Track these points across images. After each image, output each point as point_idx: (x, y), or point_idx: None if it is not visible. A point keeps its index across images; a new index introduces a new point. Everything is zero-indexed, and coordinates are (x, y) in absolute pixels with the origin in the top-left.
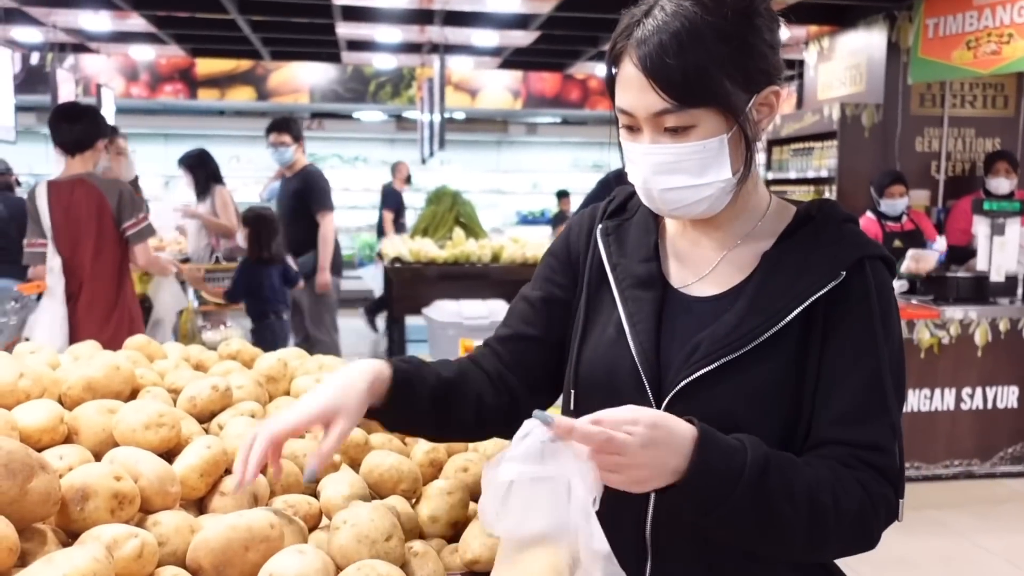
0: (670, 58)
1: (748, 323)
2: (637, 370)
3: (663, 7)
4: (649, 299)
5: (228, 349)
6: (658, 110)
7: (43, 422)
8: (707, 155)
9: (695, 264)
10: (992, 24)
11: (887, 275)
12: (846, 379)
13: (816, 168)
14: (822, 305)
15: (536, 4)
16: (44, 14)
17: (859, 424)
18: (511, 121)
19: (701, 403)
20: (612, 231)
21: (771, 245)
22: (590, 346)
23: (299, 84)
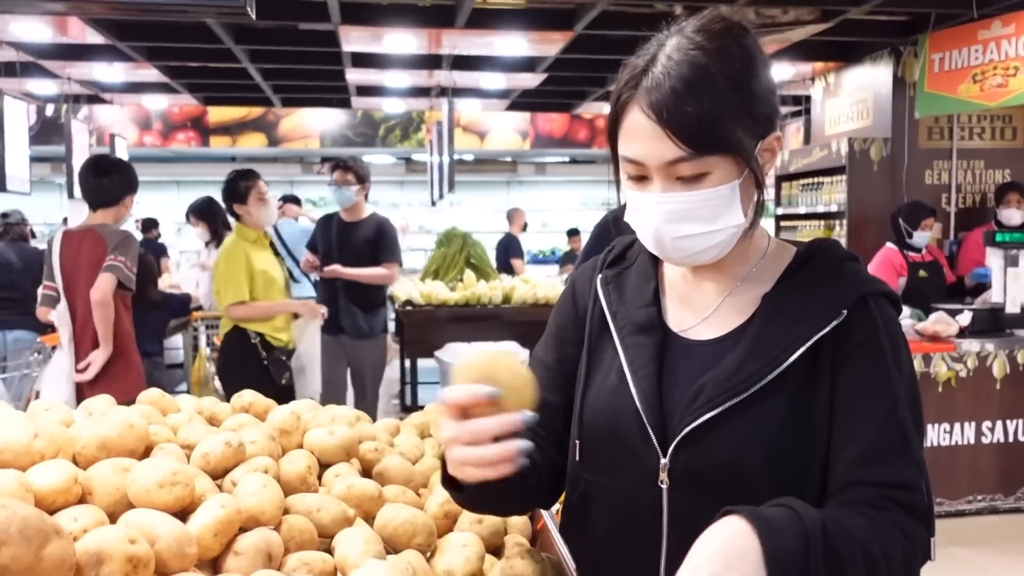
0: (686, 105)
1: (751, 366)
2: (640, 417)
3: (669, 55)
4: (649, 344)
5: (241, 401)
6: (672, 159)
7: (58, 483)
8: (720, 202)
9: (695, 307)
10: (997, 57)
11: (892, 311)
12: (864, 418)
13: (826, 203)
14: (828, 344)
15: (543, 47)
16: (59, 67)
17: (883, 463)
18: (520, 161)
19: (707, 448)
20: (612, 280)
21: (771, 286)
22: (592, 395)
23: (309, 130)
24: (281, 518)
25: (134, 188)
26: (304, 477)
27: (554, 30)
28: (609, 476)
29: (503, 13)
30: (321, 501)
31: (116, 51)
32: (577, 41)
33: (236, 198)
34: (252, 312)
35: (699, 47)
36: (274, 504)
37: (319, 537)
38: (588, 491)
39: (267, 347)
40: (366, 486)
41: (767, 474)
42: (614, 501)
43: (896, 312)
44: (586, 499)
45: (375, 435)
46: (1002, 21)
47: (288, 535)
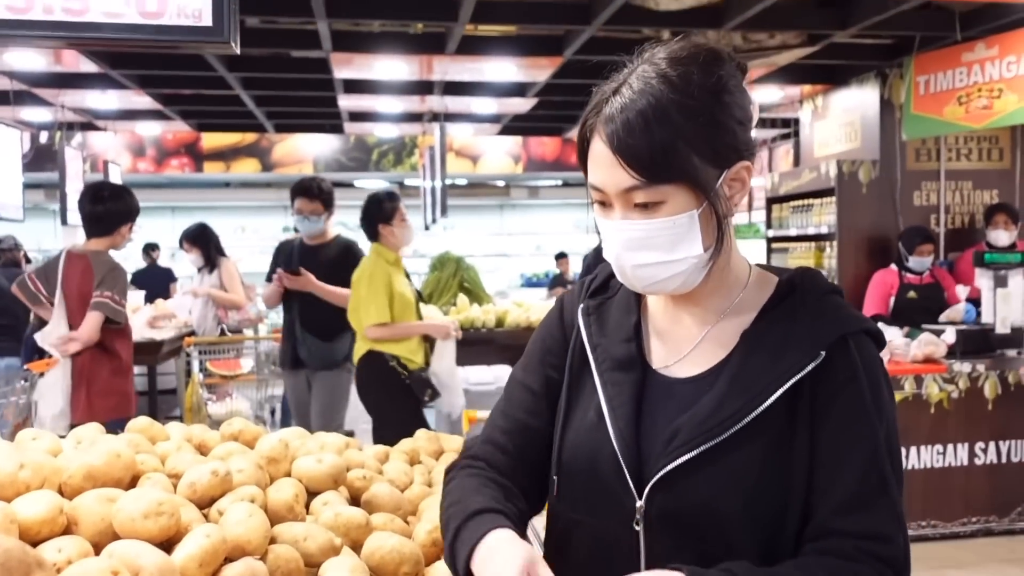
0: (636, 136)
1: (728, 407)
2: (617, 458)
3: (631, 84)
4: (629, 382)
5: (230, 429)
6: (627, 187)
7: (42, 514)
8: (678, 231)
9: (676, 343)
10: (982, 80)
11: (873, 349)
12: (843, 465)
13: (816, 225)
14: (807, 385)
15: (533, 72)
16: (53, 95)
17: (860, 512)
18: (512, 185)
19: (683, 491)
20: (593, 311)
21: (752, 319)
22: (571, 431)
23: (303, 155)
24: (267, 547)
25: (132, 217)
26: (291, 506)
27: (543, 56)
28: (587, 515)
29: (493, 40)
30: (308, 530)
31: (110, 79)
32: (567, 66)
33: (382, 218)
34: (391, 333)
35: (660, 75)
36: (260, 533)
37: (306, 566)
38: (568, 528)
39: (403, 368)
40: (353, 514)
41: (743, 518)
42: (593, 539)
43: (879, 347)
44: (566, 535)
45: (364, 462)
46: (985, 43)
47: (274, 564)
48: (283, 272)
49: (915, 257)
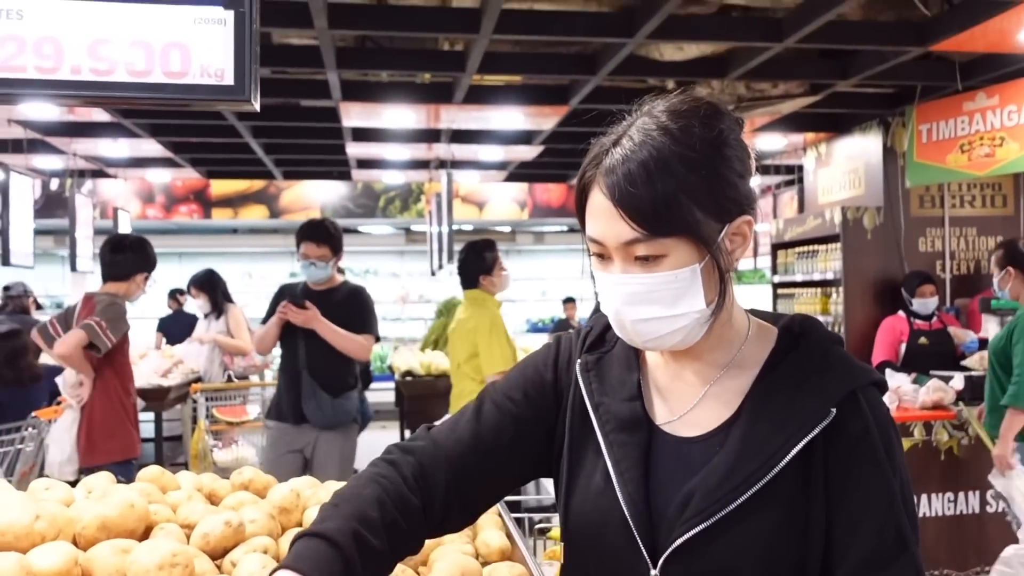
0: (638, 187)
1: (740, 471)
2: (628, 524)
3: (631, 136)
4: (635, 443)
5: (241, 478)
6: (628, 239)
7: (58, 566)
8: (680, 285)
9: (678, 399)
10: (983, 128)
11: (881, 400)
12: (861, 523)
13: (822, 271)
14: (820, 442)
15: (539, 120)
16: (65, 143)
17: (881, 570)
18: (518, 231)
19: (700, 559)
20: (592, 367)
21: (756, 375)
22: (578, 497)
23: (310, 201)
24: None
25: (147, 267)
26: None
27: (549, 104)
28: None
29: (500, 89)
30: None
31: (121, 127)
32: (572, 115)
33: (483, 269)
34: None
35: (661, 127)
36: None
37: None
38: None
39: None
40: None
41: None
42: None
43: (882, 394)
44: None
45: None
46: (986, 93)
47: None
48: (288, 304)
49: (918, 299)
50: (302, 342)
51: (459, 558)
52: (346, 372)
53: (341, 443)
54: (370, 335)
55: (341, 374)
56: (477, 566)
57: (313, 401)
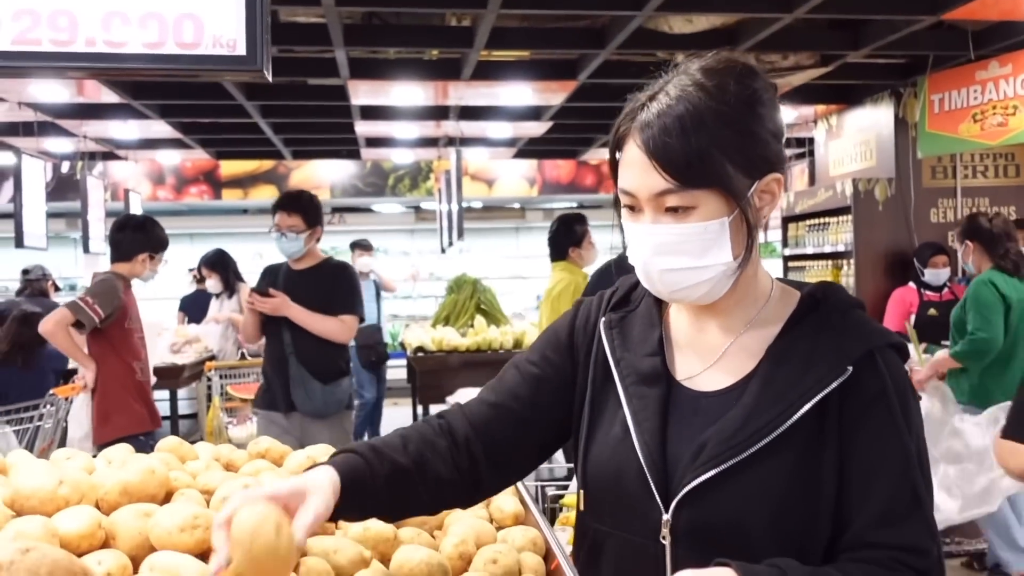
0: (673, 139)
1: (755, 422)
2: (643, 472)
3: (667, 92)
4: (654, 396)
5: (257, 448)
6: (660, 190)
7: (82, 528)
8: (708, 237)
9: (701, 354)
10: (996, 97)
11: (900, 363)
12: (876, 479)
13: (833, 243)
14: (835, 399)
15: (547, 96)
16: (75, 125)
17: (895, 525)
18: (528, 208)
19: (710, 506)
20: (616, 324)
21: (777, 332)
22: (596, 446)
23: (320, 181)
24: (299, 560)
25: (150, 247)
26: None
27: (558, 80)
28: (614, 528)
29: (508, 65)
30: (338, 543)
31: (131, 109)
32: (581, 90)
33: (572, 242)
34: None
35: (696, 84)
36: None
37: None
38: (596, 540)
39: None
40: (382, 528)
41: (770, 532)
42: (620, 552)
43: (903, 360)
44: (595, 548)
45: None
46: (999, 62)
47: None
48: (253, 294)
49: (930, 270)
50: (287, 328)
51: (474, 522)
52: (336, 357)
53: (333, 431)
54: (353, 315)
55: (331, 360)
56: (492, 529)
57: (302, 389)
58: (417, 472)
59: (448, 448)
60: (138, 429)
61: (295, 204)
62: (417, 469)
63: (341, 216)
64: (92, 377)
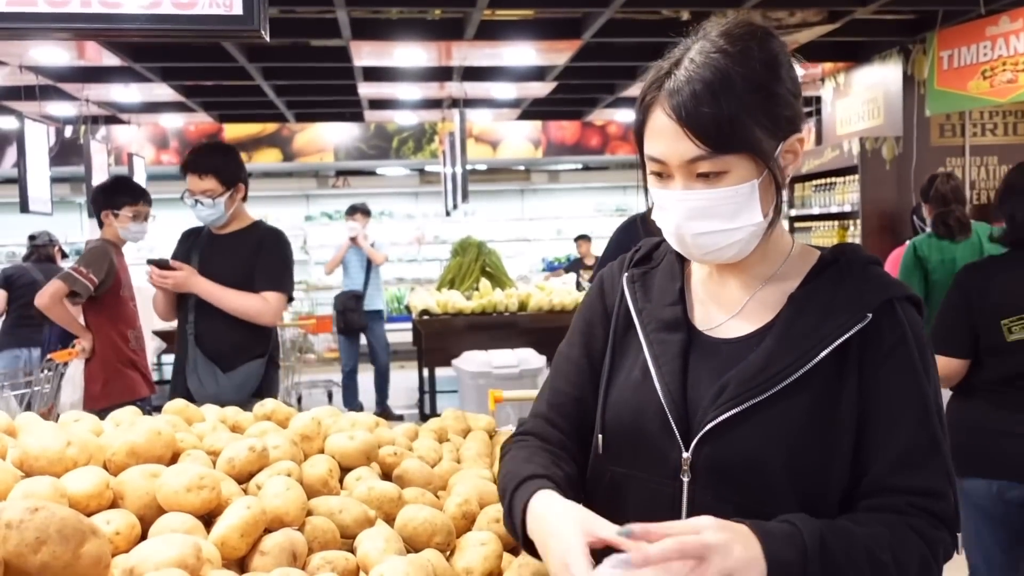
0: (704, 106)
1: (776, 364)
2: (664, 412)
3: (692, 59)
4: (675, 341)
5: (263, 410)
6: (692, 157)
7: (91, 488)
8: (739, 200)
9: (722, 305)
10: (1007, 53)
11: (917, 315)
12: (896, 424)
13: (839, 203)
14: (855, 346)
15: (552, 56)
16: (77, 89)
17: (914, 470)
18: (533, 170)
19: (729, 444)
20: (638, 279)
21: (797, 286)
22: (616, 389)
23: (324, 144)
24: (304, 519)
25: (109, 204)
26: (326, 480)
27: (562, 39)
28: (632, 468)
29: (511, 24)
30: (343, 503)
31: (132, 72)
32: (585, 49)
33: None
34: None
35: (720, 50)
36: (297, 506)
37: (341, 538)
38: (612, 482)
39: None
40: (386, 488)
41: (787, 472)
42: (638, 493)
43: (920, 314)
44: (610, 490)
45: (394, 440)
46: (1010, 16)
47: (312, 535)
48: (153, 269)
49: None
50: (192, 303)
51: (477, 482)
52: (247, 340)
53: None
54: (278, 292)
55: (237, 343)
56: (495, 489)
57: (196, 375)
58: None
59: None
60: (131, 396)
61: (205, 163)
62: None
63: (345, 179)
64: (89, 346)
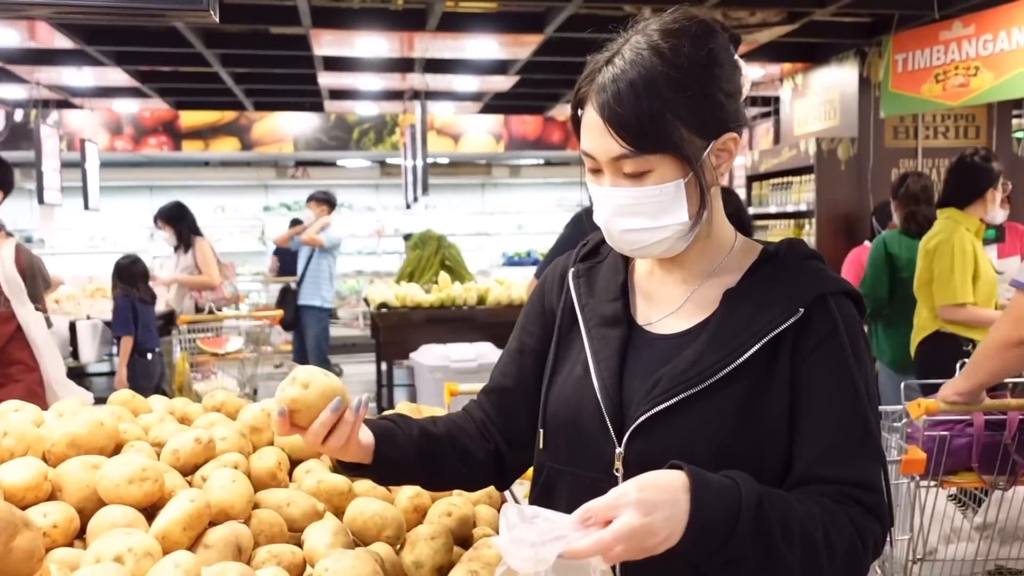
0: (625, 106)
1: (707, 359)
2: (600, 407)
3: (623, 55)
4: (615, 337)
5: (212, 401)
6: (616, 155)
7: (27, 480)
8: (664, 199)
9: (662, 302)
10: (959, 58)
11: (852, 309)
12: (826, 415)
13: (795, 202)
14: (788, 340)
15: (514, 50)
16: (28, 71)
17: (844, 462)
18: (494, 164)
19: (660, 438)
20: (583, 274)
21: (736, 280)
22: (558, 385)
23: (283, 133)
24: (251, 512)
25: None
26: (274, 472)
27: (525, 33)
28: (570, 464)
29: (474, 16)
30: (291, 496)
31: (85, 55)
32: (548, 44)
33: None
34: (971, 318)
35: (652, 47)
36: (243, 498)
37: (289, 531)
38: (551, 478)
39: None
40: (336, 481)
41: (717, 465)
42: (574, 488)
43: (859, 311)
44: (549, 486)
45: None
46: (962, 22)
47: (258, 528)
48: None
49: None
50: None
51: None
52: None
53: None
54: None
55: None
56: None
57: None
58: (448, 442)
59: (474, 429)
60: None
61: None
62: (448, 439)
63: (305, 170)
64: None
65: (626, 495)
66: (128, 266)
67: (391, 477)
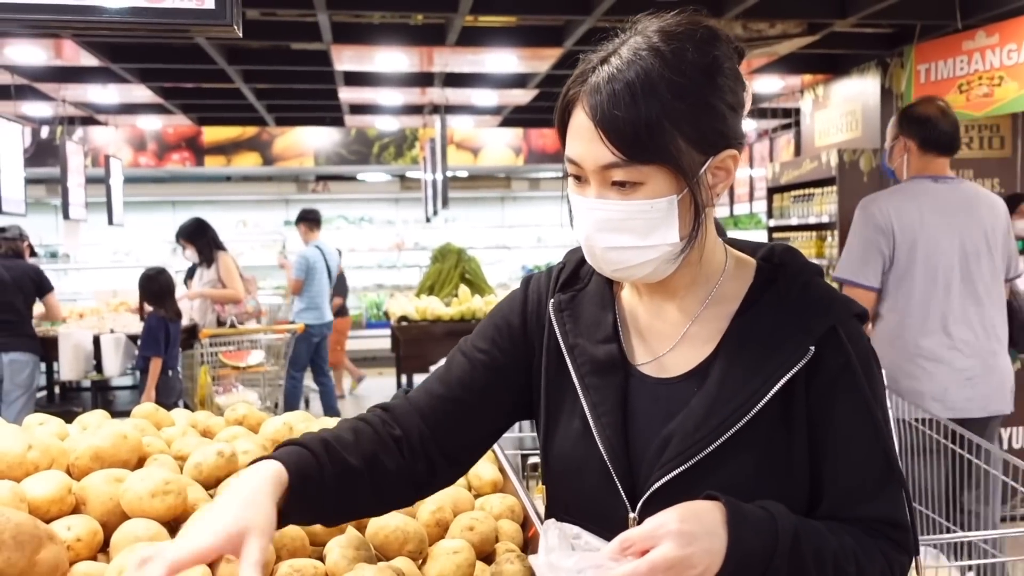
0: (621, 110)
1: (719, 413)
2: (607, 469)
3: (620, 54)
4: (612, 386)
5: (235, 414)
6: (606, 163)
7: (51, 493)
8: (654, 216)
9: (658, 338)
10: (983, 67)
11: (861, 329)
12: (849, 454)
13: (817, 214)
14: (801, 381)
15: (533, 63)
16: (54, 89)
17: (871, 500)
18: (513, 177)
19: (677, 501)
20: (566, 306)
21: (734, 311)
22: (557, 440)
23: (304, 148)
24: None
25: None
26: None
27: (544, 46)
28: (580, 520)
29: (493, 31)
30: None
31: (110, 72)
32: (567, 57)
33: None
34: None
35: (652, 48)
36: None
37: (311, 545)
38: None
39: None
40: None
41: None
42: None
43: (863, 323)
44: None
45: None
46: (986, 31)
47: (280, 543)
48: None
49: None
50: None
51: (451, 489)
52: None
53: None
54: None
55: None
56: (469, 497)
57: None
58: (369, 473)
59: (403, 449)
60: None
61: None
62: (369, 470)
63: (325, 184)
64: None
65: (666, 525)
66: (155, 277)
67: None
